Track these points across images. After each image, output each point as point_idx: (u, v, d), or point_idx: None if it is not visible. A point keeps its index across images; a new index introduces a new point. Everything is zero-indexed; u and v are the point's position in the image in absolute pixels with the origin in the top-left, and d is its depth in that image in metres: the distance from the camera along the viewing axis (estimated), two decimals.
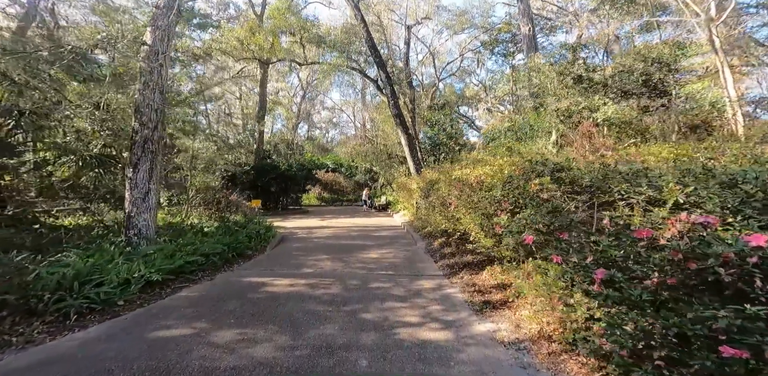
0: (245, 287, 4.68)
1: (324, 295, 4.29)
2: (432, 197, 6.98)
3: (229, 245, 6.01)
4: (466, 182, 4.73)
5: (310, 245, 8.03)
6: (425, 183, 9.09)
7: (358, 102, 42.46)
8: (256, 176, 16.25)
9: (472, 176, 4.65)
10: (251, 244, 6.81)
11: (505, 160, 5.05)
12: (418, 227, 9.40)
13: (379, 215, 15.26)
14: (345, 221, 12.96)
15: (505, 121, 11.64)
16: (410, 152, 13.39)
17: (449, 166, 8.42)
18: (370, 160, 19.94)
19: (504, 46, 31.18)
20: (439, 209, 6.16)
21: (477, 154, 10.06)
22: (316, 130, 49.55)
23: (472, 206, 4.28)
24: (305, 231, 10.35)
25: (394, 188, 15.93)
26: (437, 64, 33.04)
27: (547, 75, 10.44)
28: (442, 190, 6.21)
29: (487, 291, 4.16)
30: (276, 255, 6.81)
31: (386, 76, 14.23)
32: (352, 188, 23.90)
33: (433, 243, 7.29)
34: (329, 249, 7.39)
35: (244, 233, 6.99)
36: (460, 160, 9.82)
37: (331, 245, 8.00)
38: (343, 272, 5.41)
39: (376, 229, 10.73)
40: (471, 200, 4.36)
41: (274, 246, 7.67)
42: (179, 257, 4.93)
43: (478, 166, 5.47)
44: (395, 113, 13.88)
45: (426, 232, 8.35)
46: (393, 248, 7.39)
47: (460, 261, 5.54)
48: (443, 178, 6.29)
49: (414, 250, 7.17)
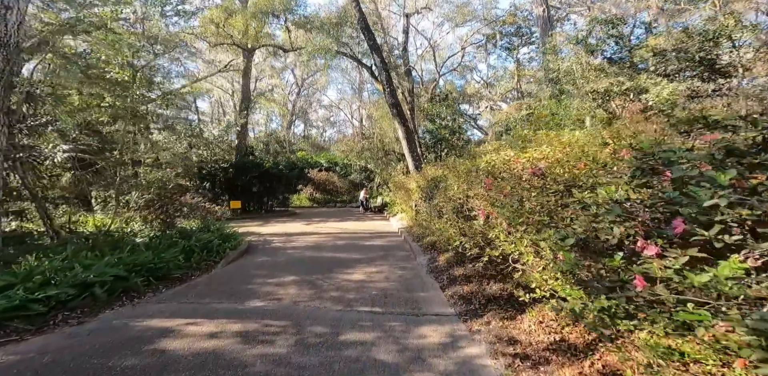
0: (125, 340, 2.88)
1: (257, 361, 2.52)
2: (438, 199, 5.21)
3: (141, 265, 4.20)
4: (503, 175, 2.95)
5: (281, 259, 6.26)
6: (427, 181, 7.35)
7: (356, 100, 40.88)
8: (235, 175, 14.49)
9: (519, 163, 2.88)
10: (190, 261, 5.04)
11: (576, 134, 3.26)
12: (417, 234, 7.65)
13: (374, 219, 13.51)
14: (334, 226, 11.21)
15: (522, 109, 9.88)
16: (408, 146, 11.65)
17: (458, 162, 6.71)
18: (365, 158, 18.19)
19: (508, 39, 29.69)
20: (451, 217, 4.35)
21: (490, 145, 8.32)
22: (313, 129, 47.99)
23: (526, 217, 2.36)
24: (282, 239, 8.59)
25: (391, 188, 14.19)
26: (437, 60, 31.40)
27: (577, 55, 8.71)
28: (452, 189, 4.44)
29: (542, 358, 2.40)
30: (225, 276, 5.04)
31: (381, 61, 12.51)
32: (346, 188, 22.12)
33: (437, 259, 5.53)
34: (303, 266, 5.63)
35: (182, 245, 5.22)
36: (470, 154, 8.08)
37: (307, 258, 6.25)
38: (308, 309, 3.64)
39: (368, 236, 8.98)
40: (520, 207, 2.49)
41: (231, 261, 5.90)
42: (18, 292, 3.15)
43: (527, 148, 3.68)
44: (392, 102, 12.16)
45: (428, 242, 6.59)
46: (386, 265, 5.63)
47: (480, 291, 3.78)
48: (461, 169, 4.45)
49: (413, 268, 5.41)
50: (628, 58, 7.69)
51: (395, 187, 12.05)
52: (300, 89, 40.97)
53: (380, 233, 9.38)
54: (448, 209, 4.35)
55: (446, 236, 4.42)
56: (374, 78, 13.75)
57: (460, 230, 3.93)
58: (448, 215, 4.45)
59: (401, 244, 7.65)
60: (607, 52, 8.83)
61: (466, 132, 17.68)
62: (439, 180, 5.98)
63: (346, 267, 5.50)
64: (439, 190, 5.35)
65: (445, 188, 4.85)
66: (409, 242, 7.33)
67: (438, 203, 5.08)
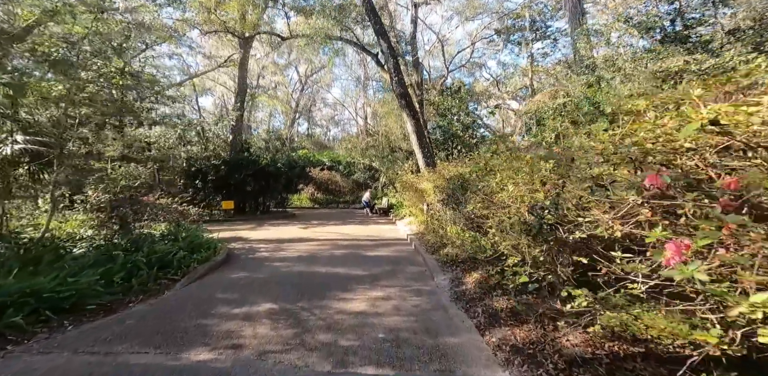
0: None
1: None
2: (474, 205, 3.80)
3: (36, 293, 2.88)
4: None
5: (263, 275, 4.97)
6: (446, 180, 6.02)
7: (360, 97, 39.72)
8: (228, 173, 13.26)
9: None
10: (131, 282, 3.75)
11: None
12: (432, 243, 6.32)
13: (379, 222, 12.19)
14: (334, 230, 9.92)
15: (559, 97, 8.43)
16: (418, 141, 10.32)
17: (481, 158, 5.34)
18: (369, 156, 16.88)
19: (521, 33, 28.36)
20: (505, 230, 2.89)
21: (519, 138, 6.94)
22: (317, 127, 46.92)
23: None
24: (272, 247, 7.31)
25: (398, 188, 12.88)
26: (446, 56, 30.13)
27: (621, 38, 7.32)
28: (508, 191, 3.07)
29: None
30: (177, 302, 3.74)
31: (388, 47, 11.24)
32: (349, 188, 20.83)
33: (463, 280, 4.19)
34: (288, 286, 4.33)
35: (121, 260, 3.93)
36: (492, 151, 6.69)
37: (295, 275, 4.94)
38: (277, 371, 2.34)
39: (372, 244, 7.67)
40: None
41: (198, 278, 4.61)
42: None
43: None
44: (400, 92, 10.86)
45: (447, 255, 5.26)
46: (395, 287, 4.30)
47: (549, 341, 2.44)
48: (526, 161, 2.92)
49: (431, 291, 4.08)
50: (693, 36, 6.32)
51: (403, 187, 10.74)
52: (303, 86, 39.97)
53: (386, 241, 8.06)
54: (504, 220, 2.90)
55: (474, 247, 3.04)
56: (380, 66, 12.48)
57: (531, 253, 2.56)
58: (494, 228, 3.04)
59: (412, 255, 6.32)
60: (658, 32, 7.44)
61: (479, 128, 16.31)
62: (465, 179, 4.63)
63: (343, 289, 4.19)
64: (471, 192, 3.98)
65: (490, 189, 3.47)
66: (422, 254, 6.00)
67: (475, 209, 3.67)
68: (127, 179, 6.49)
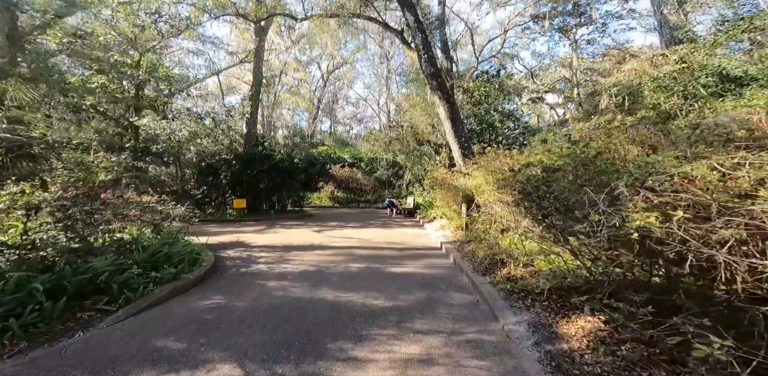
0: None
1: None
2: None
3: None
4: None
5: (242, 304, 3.53)
6: (513, 173, 4.32)
7: (383, 92, 38.24)
8: (241, 169, 12.15)
9: None
10: (7, 321, 2.40)
11: None
12: (480, 258, 4.65)
13: (404, 224, 10.59)
14: (352, 235, 8.43)
15: (671, 62, 6.17)
16: (453, 129, 8.62)
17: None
18: (393, 150, 15.29)
19: (561, 19, 25.75)
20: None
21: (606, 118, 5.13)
22: (339, 125, 46.01)
23: None
24: (275, 256, 5.92)
25: (426, 186, 11.22)
26: (475, 46, 27.90)
27: None
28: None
29: None
30: (78, 356, 2.35)
31: (415, 20, 9.61)
32: (371, 187, 19.34)
33: (556, 325, 2.53)
34: (269, 329, 2.85)
35: (9, 288, 2.60)
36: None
37: (290, 305, 3.47)
38: None
39: (397, 254, 6.09)
40: None
41: (147, 307, 3.22)
42: None
43: None
44: (430, 72, 9.22)
45: (510, 278, 3.60)
46: (437, 334, 2.70)
47: None
48: None
49: (502, 350, 2.43)
50: None
51: (434, 184, 9.08)
52: (326, 83, 39.09)
53: (415, 250, 6.46)
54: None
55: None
56: (406, 44, 10.85)
57: None
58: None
59: (453, 273, 4.68)
60: None
61: (520, 117, 14.25)
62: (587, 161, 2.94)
63: (354, 338, 2.65)
64: (626, 184, 2.29)
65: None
66: (468, 273, 4.36)
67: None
68: (108, 172, 5.29)
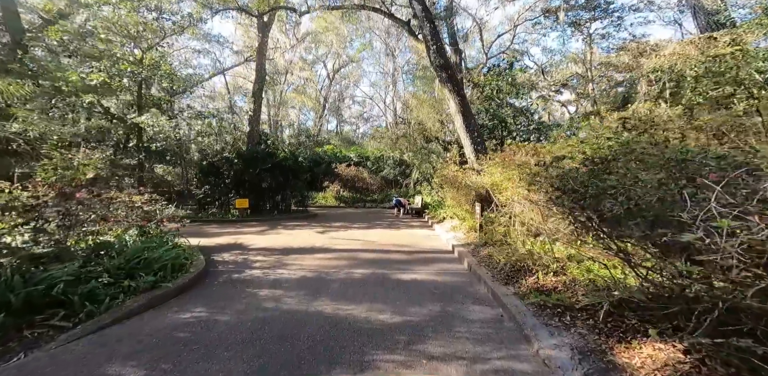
0: None
1: None
2: None
3: None
4: None
5: (226, 318, 3.07)
6: (538, 171, 3.79)
7: (389, 93, 37.73)
8: (243, 167, 11.78)
9: None
10: None
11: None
12: (501, 264, 4.12)
13: (412, 225, 10.08)
14: (357, 236, 7.95)
15: (722, 44, 5.38)
16: (465, 123, 8.07)
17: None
18: (400, 148, 14.77)
19: (574, 13, 24.89)
20: None
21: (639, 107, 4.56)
22: (346, 125, 45.65)
23: None
24: (272, 260, 5.47)
25: (435, 185, 10.70)
26: (483, 42, 27.19)
27: None
28: None
29: None
30: None
31: (423, 9, 9.10)
32: (378, 186, 18.86)
33: (611, 352, 2.00)
34: (251, 353, 2.38)
35: None
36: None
37: (281, 321, 3.00)
38: None
39: (406, 258, 5.59)
40: None
41: (112, 323, 2.78)
42: None
43: None
44: (440, 64, 8.69)
45: (541, 289, 3.08)
46: (458, 362, 2.19)
47: None
48: None
49: None
50: None
51: (444, 183, 8.55)
52: (332, 82, 38.73)
53: (425, 253, 5.95)
54: None
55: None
56: (413, 36, 10.35)
57: None
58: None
59: (469, 281, 4.16)
60: None
61: (534, 113, 13.60)
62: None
63: (354, 365, 2.16)
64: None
65: None
66: (486, 280, 3.84)
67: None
68: (91, 169, 4.90)
